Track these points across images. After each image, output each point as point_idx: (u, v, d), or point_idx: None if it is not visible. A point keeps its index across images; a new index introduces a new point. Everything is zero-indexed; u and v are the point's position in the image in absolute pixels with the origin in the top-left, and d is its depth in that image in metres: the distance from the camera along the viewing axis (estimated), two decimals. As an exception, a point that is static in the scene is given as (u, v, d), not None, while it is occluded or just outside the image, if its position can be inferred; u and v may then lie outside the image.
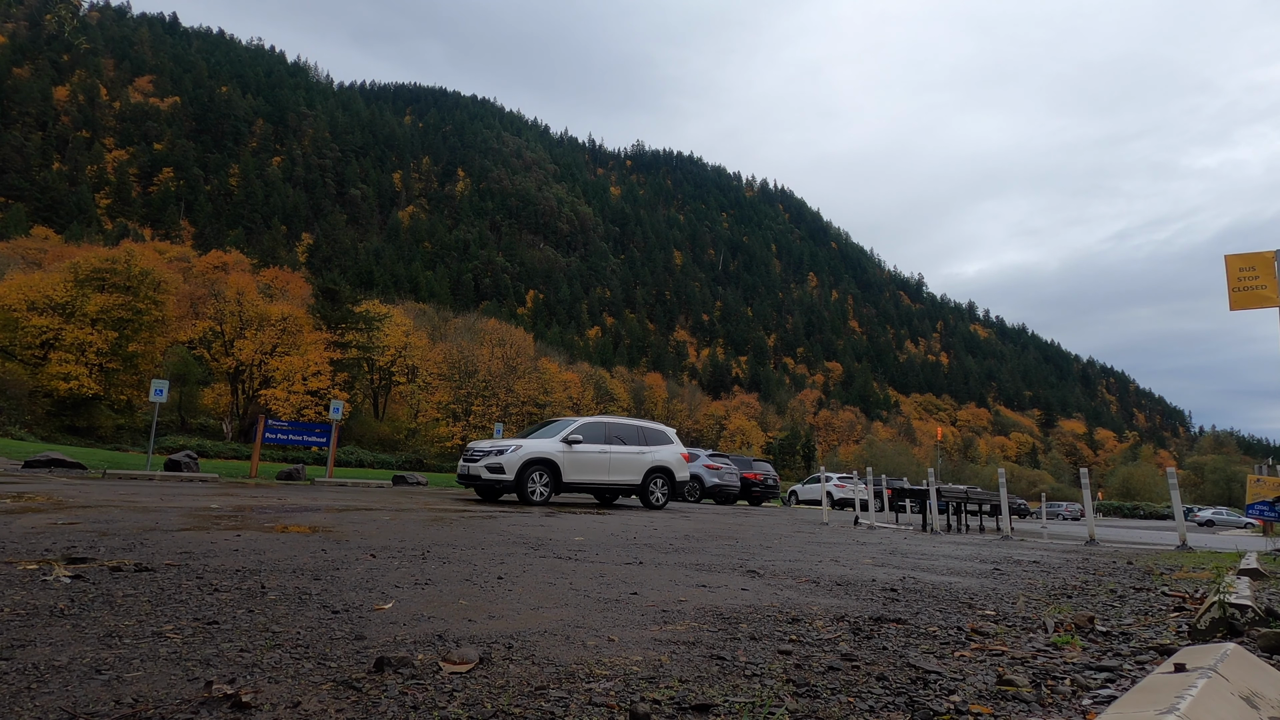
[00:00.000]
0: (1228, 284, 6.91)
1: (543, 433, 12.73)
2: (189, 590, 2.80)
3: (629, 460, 12.86)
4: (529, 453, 11.67)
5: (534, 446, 11.85)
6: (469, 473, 11.78)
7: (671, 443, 13.82)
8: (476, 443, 12.40)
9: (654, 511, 12.07)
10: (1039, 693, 1.98)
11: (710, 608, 3.08)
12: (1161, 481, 76.69)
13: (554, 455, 11.88)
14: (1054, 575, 5.36)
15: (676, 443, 13.92)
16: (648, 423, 13.89)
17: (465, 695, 1.70)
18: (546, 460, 11.76)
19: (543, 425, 13.33)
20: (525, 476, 11.51)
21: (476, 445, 12.28)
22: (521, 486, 11.46)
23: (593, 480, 12.44)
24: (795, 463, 79.70)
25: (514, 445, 11.74)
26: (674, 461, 13.51)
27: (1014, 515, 32.80)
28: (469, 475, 11.80)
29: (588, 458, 12.32)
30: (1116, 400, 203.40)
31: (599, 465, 12.43)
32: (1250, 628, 2.73)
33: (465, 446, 13.20)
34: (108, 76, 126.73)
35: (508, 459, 11.49)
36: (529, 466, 11.57)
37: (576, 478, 12.12)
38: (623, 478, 12.75)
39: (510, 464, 11.44)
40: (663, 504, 13.29)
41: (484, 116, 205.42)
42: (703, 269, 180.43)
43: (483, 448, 12.00)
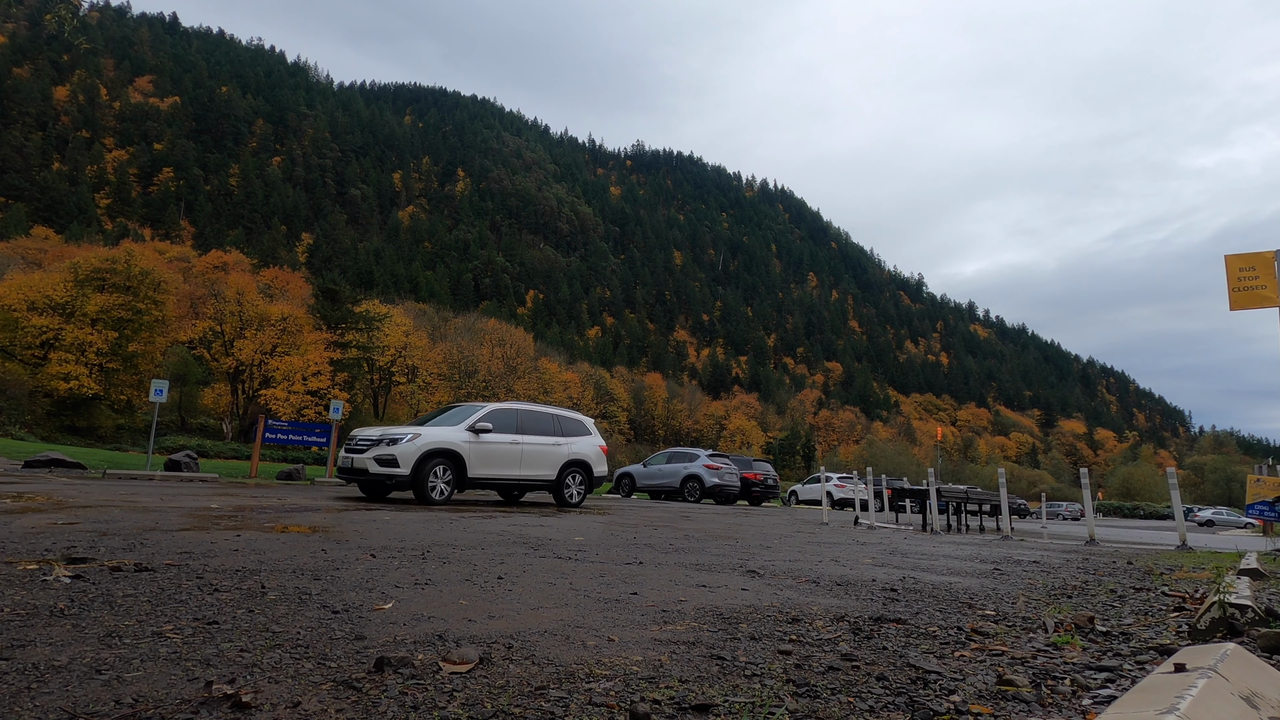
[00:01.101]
0: (1228, 284, 6.91)
1: (443, 419, 11.15)
2: (189, 590, 2.80)
3: (543, 453, 11.48)
4: (428, 443, 10.06)
5: (434, 435, 10.25)
6: (353, 465, 10.06)
7: (590, 434, 12.48)
8: (363, 430, 10.66)
9: (567, 511, 10.78)
10: (1039, 693, 1.98)
11: (710, 608, 3.08)
12: (1161, 481, 76.69)
13: (458, 446, 10.34)
14: (1054, 575, 5.36)
15: (595, 434, 12.62)
16: (565, 411, 12.61)
17: (465, 695, 1.70)
18: (449, 452, 10.22)
19: (443, 411, 11.77)
20: (424, 471, 9.92)
21: (363, 433, 10.54)
22: (420, 482, 9.88)
23: (502, 475, 10.94)
24: (795, 463, 79.71)
25: (409, 433, 10.09)
26: (592, 455, 12.22)
27: (1014, 515, 32.81)
28: (352, 469, 10.10)
29: (497, 449, 10.85)
30: (1116, 400, 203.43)
31: (509, 458, 10.98)
32: (1250, 628, 2.73)
33: (349, 435, 11.05)
34: (108, 76, 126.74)
35: (402, 450, 9.85)
36: (429, 459, 9.99)
37: (483, 472, 10.65)
38: (535, 472, 11.33)
39: (405, 455, 9.84)
40: (578, 501, 11.94)
41: (484, 116, 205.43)
42: (703, 269, 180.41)
43: (370, 436, 10.30)
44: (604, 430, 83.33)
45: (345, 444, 10.61)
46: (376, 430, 10.46)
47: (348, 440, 10.63)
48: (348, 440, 10.63)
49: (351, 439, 10.53)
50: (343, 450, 10.49)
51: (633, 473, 22.01)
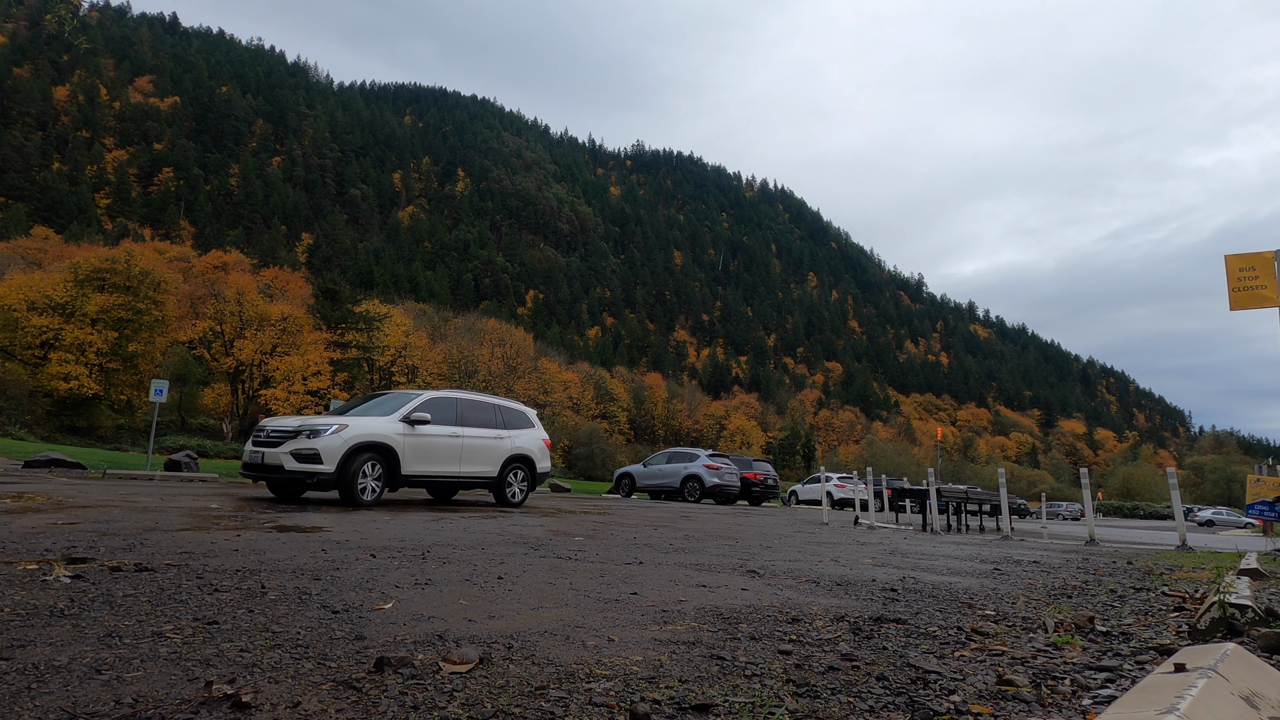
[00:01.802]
0: (1228, 284, 6.91)
1: (371, 408, 9.81)
2: (189, 590, 2.80)
3: (486, 447, 10.32)
4: (357, 435, 8.61)
5: (364, 427, 8.81)
6: (263, 461, 8.50)
7: (533, 426, 11.43)
8: (274, 420, 9.08)
9: (507, 511, 9.68)
10: (1039, 693, 1.98)
11: (710, 608, 3.08)
12: (1161, 481, 76.70)
13: (390, 439, 8.96)
14: (1054, 575, 5.36)
15: (538, 426, 11.56)
16: (507, 400, 11.51)
17: (465, 695, 1.70)
18: (380, 445, 8.82)
19: (371, 398, 10.35)
20: (352, 468, 8.44)
21: (275, 423, 8.90)
22: (347, 481, 8.41)
23: (440, 472, 9.66)
24: (795, 463, 79.72)
25: (333, 424, 8.62)
26: (536, 450, 11.14)
27: (1014, 515, 32.81)
28: (263, 465, 8.52)
29: (435, 443, 9.58)
30: (1116, 400, 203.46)
31: (448, 452, 9.75)
32: (1250, 628, 2.73)
33: (257, 425, 9.34)
34: (108, 76, 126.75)
35: (326, 443, 8.35)
36: (357, 454, 8.53)
37: (419, 469, 9.34)
38: (476, 468, 10.16)
39: (330, 450, 8.32)
40: (521, 500, 10.93)
41: (484, 116, 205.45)
42: (703, 269, 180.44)
43: (285, 426, 8.72)
44: (604, 431, 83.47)
45: (253, 436, 8.92)
46: (293, 420, 8.86)
47: (255, 431, 8.97)
48: (255, 431, 8.97)
49: (261, 430, 8.87)
50: (248, 444, 8.89)
51: (633, 473, 22.02)
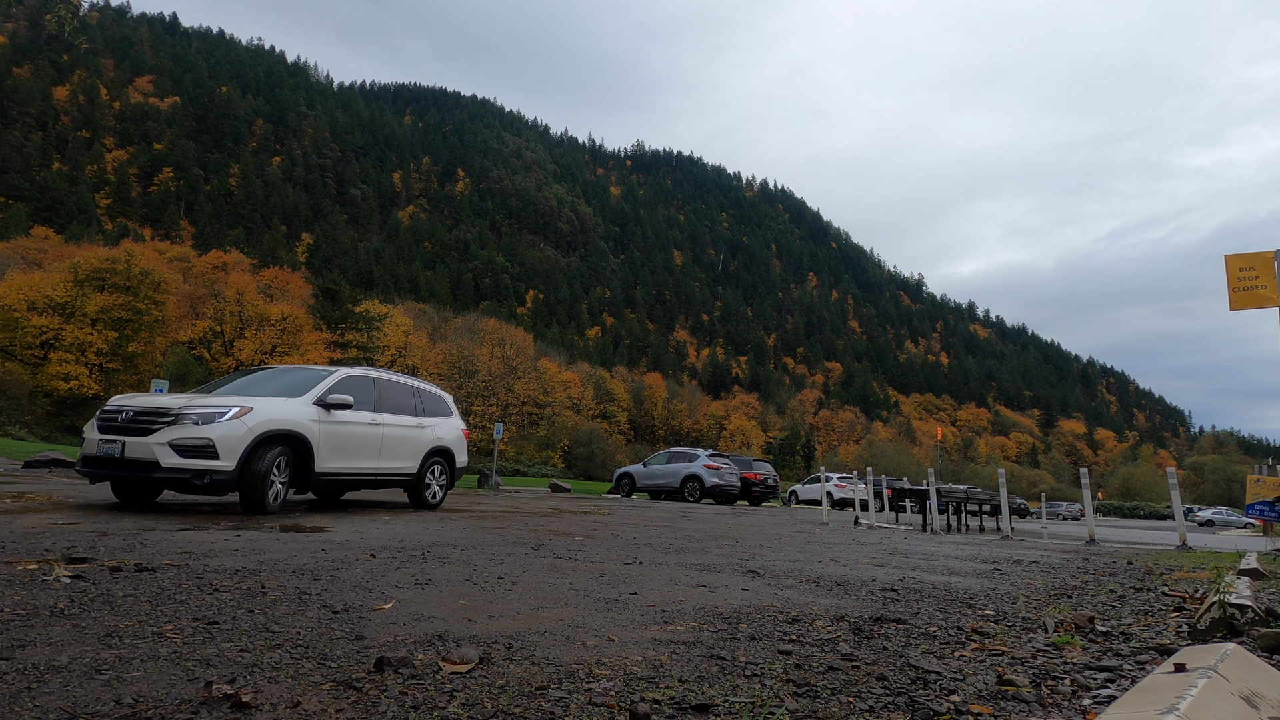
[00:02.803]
0: (1228, 284, 6.91)
1: (263, 385, 7.66)
2: (189, 590, 2.80)
3: (407, 438, 8.60)
4: (266, 422, 6.64)
5: (272, 411, 6.80)
6: (122, 454, 6.19)
7: (452, 413, 9.91)
8: (133, 398, 6.71)
9: (423, 513, 8.18)
10: (1039, 693, 1.98)
11: (710, 608, 3.08)
12: (1161, 481, 76.71)
13: (305, 427, 7.02)
14: (1054, 575, 5.36)
15: (456, 414, 10.03)
16: (423, 382, 9.77)
17: (465, 695, 1.70)
18: (293, 436, 6.87)
19: (254, 374, 8.16)
20: (261, 465, 6.49)
21: (138, 403, 6.53)
22: (254, 483, 6.44)
23: (360, 469, 7.82)
24: (795, 463, 79.73)
25: (232, 405, 6.54)
26: (456, 441, 9.66)
27: (1014, 515, 32.81)
28: (121, 460, 6.20)
29: (355, 432, 7.73)
30: (1116, 400, 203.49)
31: (369, 445, 7.96)
32: (1250, 628, 2.73)
33: (103, 406, 6.81)
34: (108, 76, 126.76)
35: (225, 431, 6.30)
36: (265, 447, 6.56)
37: (336, 465, 7.41)
38: (397, 464, 8.40)
39: (230, 441, 6.30)
40: (439, 501, 9.35)
41: (484, 116, 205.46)
42: (703, 269, 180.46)
43: (157, 407, 6.42)
44: (604, 431, 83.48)
45: (99, 419, 6.52)
46: (167, 399, 6.63)
47: (101, 414, 6.57)
48: (101, 414, 6.57)
49: (118, 413, 6.43)
50: (92, 430, 6.47)
51: (633, 473, 22.02)
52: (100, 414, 6.59)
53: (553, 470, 61.03)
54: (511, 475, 49.98)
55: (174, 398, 6.73)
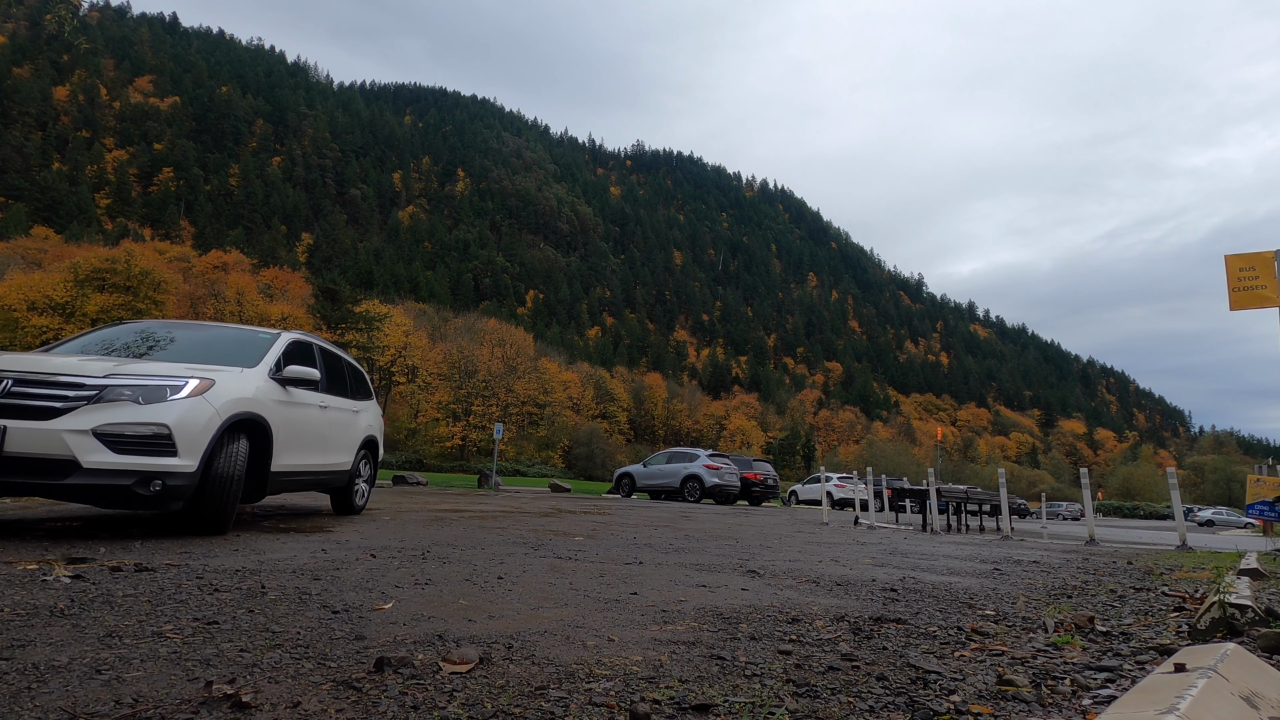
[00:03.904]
0: (1228, 284, 6.91)
1: (185, 349, 5.68)
2: (189, 590, 2.80)
3: (347, 423, 6.95)
4: (232, 403, 4.82)
5: (233, 388, 4.91)
6: (28, 453, 4.03)
7: (373, 394, 8.25)
8: (23, 358, 4.46)
9: (350, 519, 6.84)
10: (1039, 693, 1.98)
11: (710, 608, 3.08)
12: (1161, 481, 76.74)
13: (267, 410, 5.24)
14: (1054, 575, 5.36)
15: (373, 396, 8.32)
16: (348, 355, 7.82)
17: (465, 695, 1.70)
18: (256, 422, 5.09)
19: (122, 332, 5.93)
20: (229, 465, 4.73)
21: (28, 368, 4.31)
22: (221, 489, 4.69)
23: (312, 466, 6.16)
24: (795, 463, 79.77)
25: (185, 379, 4.63)
26: (380, 430, 8.12)
27: (1014, 515, 32.82)
28: (25, 459, 4.03)
29: (310, 417, 6.06)
30: (1116, 400, 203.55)
31: (319, 434, 6.26)
32: (1250, 628, 2.73)
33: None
34: (108, 76, 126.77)
35: (182, 415, 4.44)
36: (229, 438, 4.79)
37: (292, 461, 5.71)
38: (337, 459, 6.71)
39: (190, 430, 4.45)
40: (365, 503, 7.78)
41: (484, 116, 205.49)
42: (703, 269, 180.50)
43: (69, 375, 4.32)
44: (604, 431, 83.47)
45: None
46: (72, 363, 4.52)
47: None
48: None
49: (27, 379, 4.23)
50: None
51: (633, 473, 22.02)
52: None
53: (553, 470, 61.06)
54: (511, 475, 49.99)
55: (82, 361, 4.56)
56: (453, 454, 61.22)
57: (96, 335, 5.83)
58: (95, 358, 4.87)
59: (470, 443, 63.09)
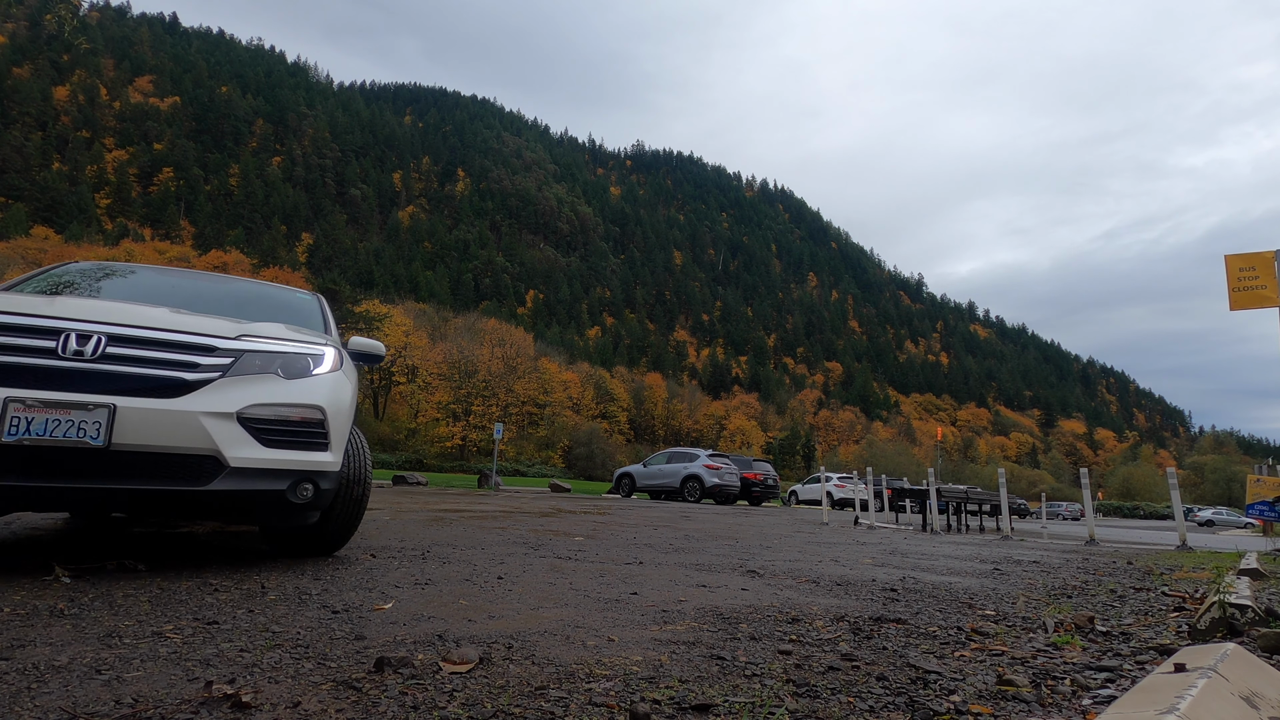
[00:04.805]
0: (1228, 284, 6.91)
1: (227, 305, 4.40)
2: (189, 590, 2.80)
3: None
4: (354, 380, 4.00)
5: (344, 359, 3.82)
6: (110, 442, 2.73)
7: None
8: (94, 307, 3.07)
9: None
10: (1039, 693, 1.98)
11: (710, 608, 3.08)
12: (1161, 481, 76.75)
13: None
14: (1054, 575, 5.36)
15: None
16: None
17: (465, 695, 1.70)
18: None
19: (111, 271, 4.62)
20: (360, 463, 3.89)
21: (128, 319, 3.01)
22: (354, 491, 3.79)
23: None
24: (795, 463, 79.79)
25: (320, 346, 3.63)
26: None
27: (1014, 515, 32.82)
28: (109, 455, 2.76)
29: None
30: (1116, 400, 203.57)
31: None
32: (1250, 628, 2.73)
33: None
34: (108, 76, 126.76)
35: (332, 394, 3.44)
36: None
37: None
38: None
39: (340, 416, 3.45)
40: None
41: (484, 116, 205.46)
42: (703, 269, 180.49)
43: (188, 329, 3.12)
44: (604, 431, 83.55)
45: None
46: (172, 317, 3.22)
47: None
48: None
49: (59, 331, 2.83)
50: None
51: (633, 473, 22.03)
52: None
53: (553, 470, 61.09)
54: (511, 475, 49.99)
55: (184, 316, 3.30)
56: (453, 454, 61.24)
57: (71, 273, 4.31)
58: (166, 313, 3.30)
59: (470, 443, 63.10)
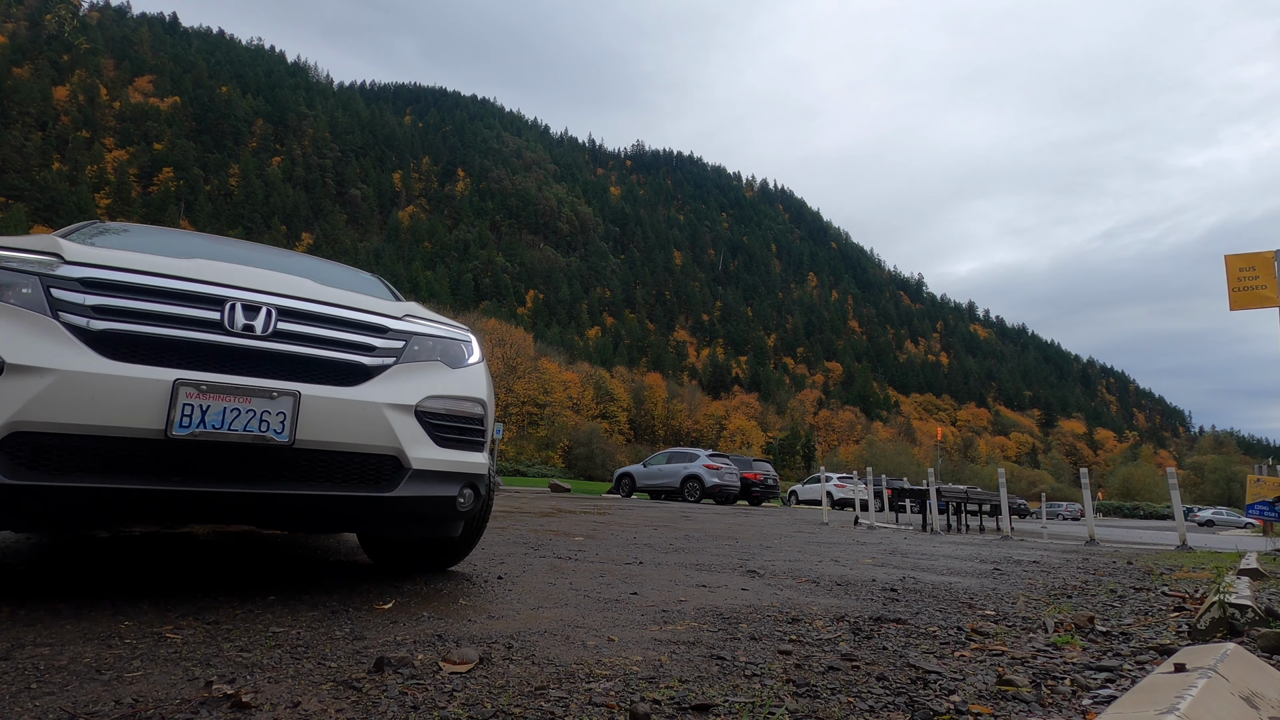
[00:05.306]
0: (1228, 284, 6.92)
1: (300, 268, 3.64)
2: (188, 590, 2.80)
3: None
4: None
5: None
6: (294, 439, 2.30)
7: None
8: (246, 272, 2.49)
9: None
10: (1039, 693, 1.98)
11: (710, 608, 3.08)
12: (1161, 481, 76.78)
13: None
14: (1054, 575, 5.36)
15: None
16: None
17: (465, 695, 1.70)
18: None
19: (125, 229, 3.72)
20: (492, 464, 4.36)
21: (292, 289, 2.54)
22: (490, 496, 3.55)
23: None
24: (795, 463, 79.80)
25: (466, 333, 3.14)
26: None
27: (1014, 515, 32.82)
28: (292, 452, 2.33)
29: None
30: (1116, 400, 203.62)
31: None
32: (1250, 628, 2.73)
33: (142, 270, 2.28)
34: (108, 76, 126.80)
35: (489, 388, 3.14)
36: None
37: None
38: None
39: (491, 411, 3.11)
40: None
41: (484, 116, 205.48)
42: (703, 269, 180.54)
43: (381, 314, 2.76)
44: (604, 431, 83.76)
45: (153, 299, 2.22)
46: (350, 295, 2.78)
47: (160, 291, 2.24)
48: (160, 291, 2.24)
49: (221, 301, 2.31)
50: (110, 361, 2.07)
51: (633, 473, 22.03)
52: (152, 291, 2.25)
53: (553, 470, 61.07)
54: (511, 475, 50.00)
55: (336, 291, 2.78)
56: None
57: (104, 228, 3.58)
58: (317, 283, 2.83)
59: (470, 443, 62.93)
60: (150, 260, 2.36)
